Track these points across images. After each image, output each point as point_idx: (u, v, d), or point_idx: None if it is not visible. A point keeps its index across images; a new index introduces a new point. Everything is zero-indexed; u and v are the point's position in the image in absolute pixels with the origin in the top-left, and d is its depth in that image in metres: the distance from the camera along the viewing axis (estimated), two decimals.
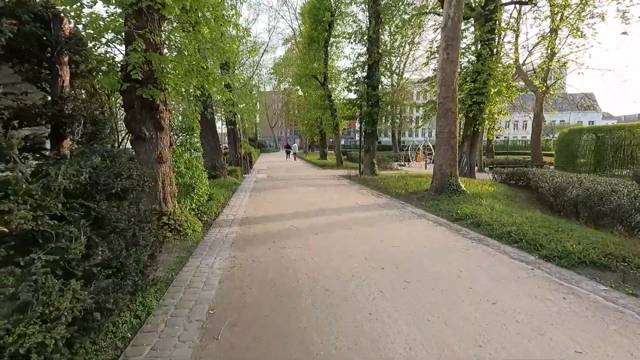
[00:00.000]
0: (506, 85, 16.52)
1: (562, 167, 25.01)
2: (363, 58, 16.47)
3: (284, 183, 14.50)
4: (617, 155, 23.39)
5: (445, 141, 10.21)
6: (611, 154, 23.62)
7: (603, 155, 24.38)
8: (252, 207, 8.99)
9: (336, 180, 16.06)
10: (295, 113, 54.86)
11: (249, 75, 34.10)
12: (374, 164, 17.14)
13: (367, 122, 16.32)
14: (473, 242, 6.05)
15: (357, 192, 11.97)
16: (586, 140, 26.04)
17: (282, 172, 20.08)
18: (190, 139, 7.55)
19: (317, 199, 10.26)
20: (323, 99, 25.17)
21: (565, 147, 27.93)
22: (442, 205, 8.91)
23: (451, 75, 9.89)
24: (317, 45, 23.48)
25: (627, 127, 24.75)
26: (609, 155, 23.77)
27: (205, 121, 12.60)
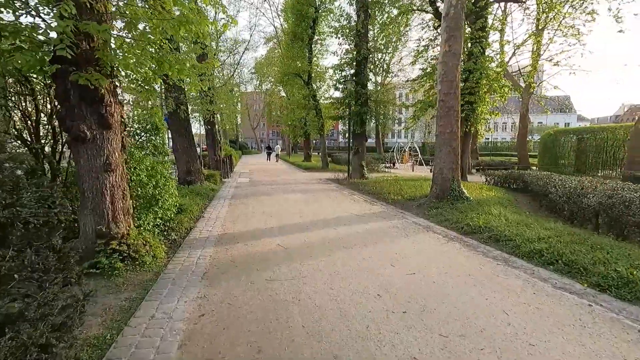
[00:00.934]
0: (499, 84, 15.76)
1: (546, 168, 24.73)
2: (351, 54, 15.36)
3: (267, 188, 13.19)
4: (599, 157, 23.21)
5: (446, 143, 9.19)
6: (594, 155, 23.45)
7: (586, 157, 24.21)
8: (231, 219, 7.67)
9: (323, 184, 14.87)
10: (278, 114, 53.51)
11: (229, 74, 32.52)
12: (363, 166, 16.06)
13: (356, 122, 15.22)
14: (499, 264, 4.97)
15: (349, 199, 10.81)
16: (569, 141, 25.91)
17: (265, 176, 18.73)
18: (154, 141, 6.19)
19: (305, 208, 9.03)
20: (307, 98, 23.94)
21: (548, 148, 27.73)
22: (447, 215, 7.86)
23: (453, 69, 8.87)
24: (300, 42, 22.25)
25: (610, 128, 24.70)
26: (592, 156, 23.61)
27: (179, 120, 11.18)
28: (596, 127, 28.44)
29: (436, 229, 7.04)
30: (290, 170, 23.46)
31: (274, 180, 16.18)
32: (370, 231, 6.73)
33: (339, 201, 10.35)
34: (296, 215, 8.15)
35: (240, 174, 20.06)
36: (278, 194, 11.77)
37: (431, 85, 19.21)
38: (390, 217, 8.08)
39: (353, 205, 9.61)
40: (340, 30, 15.31)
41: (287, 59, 22.78)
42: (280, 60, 25.08)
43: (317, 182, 15.78)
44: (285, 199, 10.55)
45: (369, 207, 9.39)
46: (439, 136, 9.39)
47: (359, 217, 8.09)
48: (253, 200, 10.44)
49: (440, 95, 9.16)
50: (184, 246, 5.59)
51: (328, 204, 9.74)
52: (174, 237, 5.94)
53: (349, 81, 14.24)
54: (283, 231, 6.63)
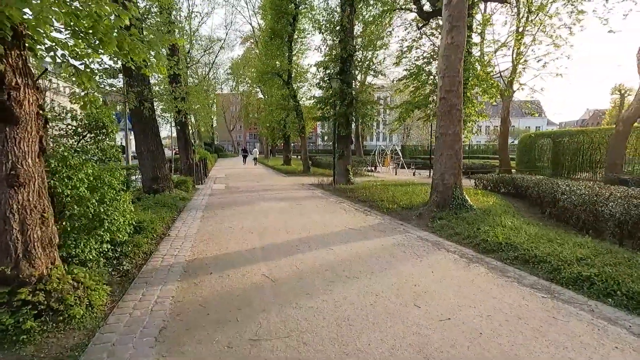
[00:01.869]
0: (489, 85, 15.10)
1: (524, 170, 24.59)
2: (336, 51, 14.24)
3: (246, 196, 11.80)
4: (576, 159, 23.24)
5: (448, 145, 8.20)
6: (571, 158, 23.48)
7: (563, 159, 24.23)
8: (203, 237, 6.30)
9: (307, 190, 13.64)
10: (255, 116, 51.82)
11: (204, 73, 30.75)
12: (348, 171, 14.96)
13: (342, 123, 14.11)
14: (544, 296, 3.92)
15: (339, 208, 9.63)
16: (546, 144, 25.95)
17: (244, 181, 17.28)
18: (101, 143, 4.79)
19: (292, 221, 7.77)
20: (287, 98, 22.67)
21: (527, 151, 27.74)
22: (455, 227, 6.82)
23: (456, 64, 7.91)
24: (280, 40, 20.96)
25: (586, 131, 24.84)
26: (569, 159, 23.64)
27: (144, 119, 9.65)
28: (573, 130, 28.76)
29: (448, 245, 5.97)
30: (269, 174, 22.07)
31: (252, 187, 14.79)
32: (373, 251, 5.56)
33: (328, 211, 9.15)
34: (282, 230, 6.88)
35: (216, 179, 18.49)
36: (258, 202, 10.44)
37: (416, 86, 18.48)
38: (391, 231, 6.96)
39: (345, 216, 8.43)
40: (324, 25, 14.17)
41: (266, 57, 21.43)
42: (257, 59, 23.69)
43: (299, 187, 14.53)
44: (267, 209, 9.23)
45: (363, 218, 8.24)
46: (439, 138, 8.39)
47: (356, 231, 6.92)
48: (230, 211, 9.06)
49: (441, 92, 8.17)
50: (139, 281, 4.20)
51: (317, 215, 8.52)
52: (126, 267, 4.54)
53: (335, 79, 13.12)
54: (268, 254, 5.35)
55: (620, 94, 46.42)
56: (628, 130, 18.25)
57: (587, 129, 26.74)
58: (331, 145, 57.11)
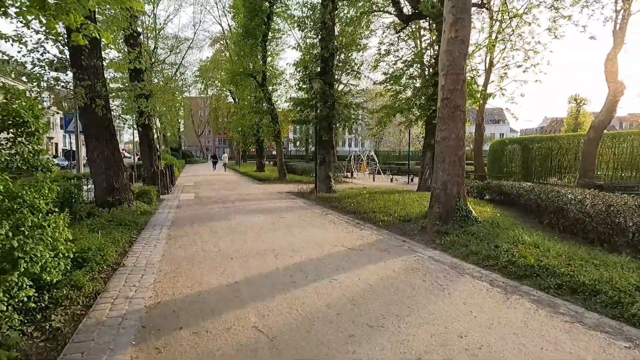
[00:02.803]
0: (473, 89, 14.62)
1: (495, 175, 24.73)
2: (317, 49, 13.22)
3: (220, 208, 10.39)
4: (545, 165, 23.59)
5: (451, 151, 7.34)
6: (540, 163, 23.83)
7: (533, 165, 24.59)
8: (169, 269, 4.94)
9: (287, 200, 12.42)
10: (225, 120, 49.77)
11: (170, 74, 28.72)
12: (330, 178, 13.90)
13: (324, 127, 13.06)
14: (627, 347, 2.99)
15: (327, 221, 8.52)
16: (516, 150, 26.32)
17: (215, 190, 15.73)
18: (21, 146, 3.40)
19: (277, 239, 6.54)
20: (261, 101, 21.37)
21: (497, 157, 28.04)
22: (470, 245, 5.90)
23: (460, 60, 7.09)
24: (254, 39, 19.66)
25: (555, 137, 25.37)
26: (538, 164, 24.00)
27: (97, 120, 8.08)
28: (543, 136, 29.45)
29: (469, 269, 5.00)
30: (242, 182, 20.58)
31: (226, 196, 13.34)
32: (387, 280, 4.48)
33: (315, 225, 8.00)
34: (268, 253, 5.64)
35: (184, 188, 16.79)
36: (235, 216, 9.10)
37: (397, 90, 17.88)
38: (396, 251, 5.93)
39: (337, 232, 7.32)
40: (304, 21, 13.11)
41: (238, 57, 20.03)
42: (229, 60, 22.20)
43: (278, 197, 13.27)
44: (246, 225, 7.93)
45: (358, 234, 7.17)
46: (440, 143, 7.51)
47: (355, 252, 5.82)
48: (202, 227, 7.67)
49: (443, 92, 7.30)
50: (72, 349, 2.85)
51: (304, 231, 7.34)
52: (56, 323, 3.17)
53: (316, 80, 12.07)
54: (256, 290, 4.12)
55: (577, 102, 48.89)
56: (599, 137, 18.49)
57: (556, 135, 27.40)
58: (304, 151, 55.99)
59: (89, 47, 7.20)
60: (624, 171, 20.77)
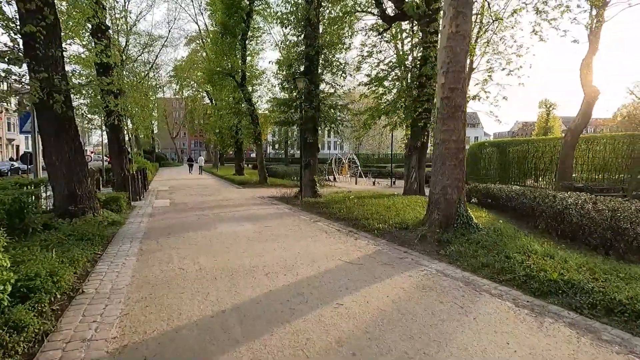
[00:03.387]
0: None
1: (473, 178, 24.89)
2: (302, 47, 12.54)
3: (198, 216, 9.49)
4: (522, 167, 23.91)
5: (451, 154, 6.85)
6: (517, 166, 24.15)
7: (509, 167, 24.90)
8: (140, 296, 4.10)
9: (271, 206, 11.64)
10: (201, 122, 48.15)
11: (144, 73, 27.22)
12: (314, 182, 13.25)
13: (309, 128, 12.40)
14: None
15: (317, 230, 7.84)
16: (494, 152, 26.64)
17: (192, 195, 14.71)
18: None
19: (268, 254, 5.80)
20: (240, 102, 20.45)
21: (476, 160, 28.27)
22: (478, 256, 5.40)
23: (462, 57, 6.61)
24: (232, 37, 18.76)
25: (531, 141, 25.81)
26: (515, 167, 24.32)
27: (56, 118, 7.05)
28: (521, 139, 29.98)
29: (485, 285, 4.47)
30: (221, 186, 19.55)
31: (204, 202, 12.39)
32: (400, 304, 3.86)
33: (306, 235, 7.30)
34: (258, 271, 4.90)
35: (158, 193, 15.64)
36: (216, 225, 8.25)
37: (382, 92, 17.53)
38: (400, 264, 5.33)
39: (330, 242, 6.66)
40: (287, 18, 12.42)
41: (216, 56, 19.05)
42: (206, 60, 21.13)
43: (261, 202, 12.47)
44: (229, 236, 7.13)
45: (354, 244, 6.54)
46: (439, 145, 7.01)
47: (356, 266, 5.18)
48: (179, 240, 6.80)
49: (442, 90, 6.81)
50: None
51: (295, 242, 6.63)
52: None
53: (301, 79, 11.40)
54: (248, 323, 3.38)
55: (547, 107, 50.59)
56: (576, 140, 18.76)
57: (532, 139, 27.96)
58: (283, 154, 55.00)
59: (44, 34, 6.23)
60: (597, 173, 21.34)
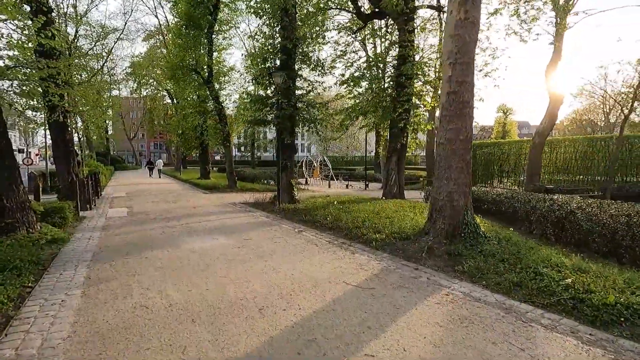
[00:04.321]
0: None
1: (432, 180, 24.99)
2: (278, 40, 11.43)
3: (163, 229, 8.08)
4: (489, 169, 24.33)
5: (458, 155, 6.10)
6: (483, 168, 24.56)
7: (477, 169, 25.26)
8: (83, 355, 2.88)
9: (246, 213, 10.40)
10: (162, 123, 45.23)
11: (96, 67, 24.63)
12: (292, 186, 12.18)
13: (287, 128, 11.32)
14: None
15: (305, 242, 6.79)
16: None
17: (154, 202, 13.05)
18: None
19: (256, 280, 4.66)
20: (207, 100, 18.89)
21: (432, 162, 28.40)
22: (504, 273, 4.63)
23: (471, 47, 5.90)
24: (198, 30, 17.20)
25: (496, 143, 26.38)
26: (481, 169, 24.73)
27: None
28: (488, 142, 30.61)
29: (528, 312, 3.68)
30: (186, 191, 17.86)
31: (169, 210, 10.88)
32: (445, 349, 2.93)
33: (294, 249, 6.24)
34: (248, 306, 3.77)
35: (113, 200, 13.78)
36: (185, 239, 6.94)
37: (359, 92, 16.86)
38: (416, 286, 4.44)
39: (325, 258, 5.65)
40: (262, 7, 11.26)
41: (180, 49, 17.38)
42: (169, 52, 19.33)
43: (234, 209, 11.18)
44: (202, 254, 5.89)
45: (354, 260, 5.59)
46: (444, 145, 6.24)
47: (368, 292, 4.21)
48: (140, 263, 5.47)
49: (449, 84, 6.05)
50: None
51: (284, 260, 5.54)
52: None
53: (279, 74, 10.31)
54: None
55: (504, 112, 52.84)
56: (543, 143, 19.13)
57: (499, 141, 28.59)
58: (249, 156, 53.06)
59: None
60: (560, 174, 22.08)
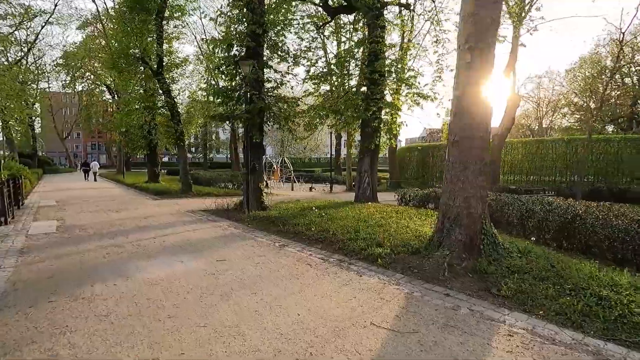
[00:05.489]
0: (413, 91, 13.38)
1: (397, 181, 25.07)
2: (243, 25, 9.95)
3: (107, 250, 6.25)
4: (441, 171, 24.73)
5: (475, 155, 5.22)
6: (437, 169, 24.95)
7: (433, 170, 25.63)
8: None
9: (210, 223, 8.79)
10: (100, 121, 40.67)
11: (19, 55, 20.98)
12: (261, 191, 10.77)
13: (256, 125, 9.89)
14: None
15: (294, 262, 5.51)
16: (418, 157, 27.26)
17: (93, 212, 10.80)
18: None
19: (249, 328, 3.29)
20: (156, 94, 16.66)
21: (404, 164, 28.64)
22: (557, 298, 3.79)
23: (493, 28, 5.04)
24: (145, 14, 14.98)
25: None
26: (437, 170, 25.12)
27: None
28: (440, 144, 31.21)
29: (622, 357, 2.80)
30: (133, 197, 15.48)
31: (113, 223, 8.88)
32: None
33: (284, 272, 4.93)
34: None
35: (39, 210, 11.23)
36: (138, 265, 5.29)
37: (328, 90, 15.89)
38: (461, 321, 3.41)
39: (328, 285, 4.43)
40: None
41: (124, 34, 15.01)
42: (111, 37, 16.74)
43: (193, 218, 9.48)
44: (166, 289, 4.34)
45: (365, 286, 4.44)
46: (460, 144, 5.33)
47: (414, 339, 3.08)
48: (73, 309, 3.80)
49: (467, 72, 5.14)
50: None
51: (278, 290, 4.22)
52: None
53: (247, 62, 8.87)
54: None
55: None
56: (502, 144, 19.61)
57: None
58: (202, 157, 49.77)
59: None
60: (514, 175, 22.94)
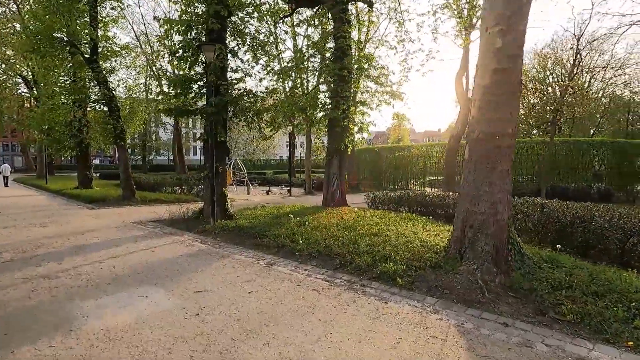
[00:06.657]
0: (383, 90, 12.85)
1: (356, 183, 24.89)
2: (203, 4, 8.44)
3: (33, 285, 4.47)
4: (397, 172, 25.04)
5: (504, 155, 4.56)
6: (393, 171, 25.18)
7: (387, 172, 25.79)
8: None
9: (167, 238, 7.19)
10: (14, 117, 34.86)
11: None
12: (226, 197, 9.35)
13: (220, 121, 8.46)
14: None
15: (297, 287, 4.38)
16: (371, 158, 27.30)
17: (10, 228, 8.37)
18: None
19: None
20: (88, 86, 14.14)
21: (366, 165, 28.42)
22: (626, 320, 3.19)
23: (527, 7, 4.40)
24: None
25: (405, 147, 27.31)
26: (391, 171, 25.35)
27: None
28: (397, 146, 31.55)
29: None
30: (60, 206, 12.82)
31: (38, 243, 6.83)
32: None
33: (292, 305, 3.79)
34: None
35: None
36: (84, 307, 3.73)
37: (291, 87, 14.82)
38: None
39: (359, 324, 3.40)
40: None
41: (47, 13, 12.36)
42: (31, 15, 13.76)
43: (144, 232, 7.76)
44: (134, 347, 2.98)
45: (398, 317, 3.50)
46: (485, 142, 4.61)
47: None
48: None
49: (497, 59, 4.42)
50: None
51: (291, 333, 3.07)
52: None
53: (213, 47, 7.45)
54: None
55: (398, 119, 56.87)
56: (457, 146, 20.05)
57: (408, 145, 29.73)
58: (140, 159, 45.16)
59: None
60: None
